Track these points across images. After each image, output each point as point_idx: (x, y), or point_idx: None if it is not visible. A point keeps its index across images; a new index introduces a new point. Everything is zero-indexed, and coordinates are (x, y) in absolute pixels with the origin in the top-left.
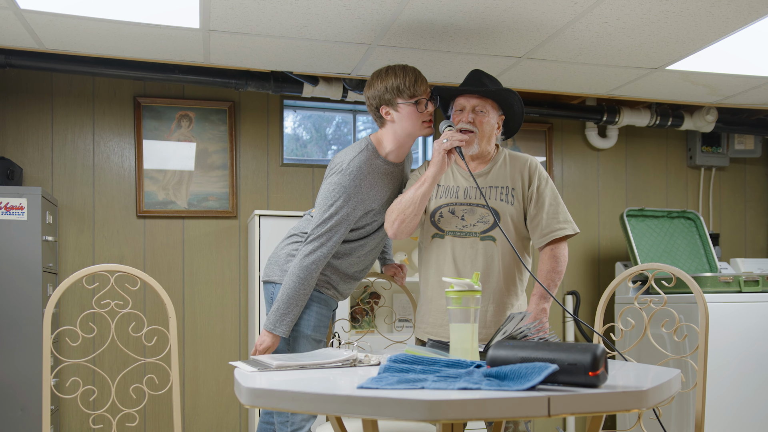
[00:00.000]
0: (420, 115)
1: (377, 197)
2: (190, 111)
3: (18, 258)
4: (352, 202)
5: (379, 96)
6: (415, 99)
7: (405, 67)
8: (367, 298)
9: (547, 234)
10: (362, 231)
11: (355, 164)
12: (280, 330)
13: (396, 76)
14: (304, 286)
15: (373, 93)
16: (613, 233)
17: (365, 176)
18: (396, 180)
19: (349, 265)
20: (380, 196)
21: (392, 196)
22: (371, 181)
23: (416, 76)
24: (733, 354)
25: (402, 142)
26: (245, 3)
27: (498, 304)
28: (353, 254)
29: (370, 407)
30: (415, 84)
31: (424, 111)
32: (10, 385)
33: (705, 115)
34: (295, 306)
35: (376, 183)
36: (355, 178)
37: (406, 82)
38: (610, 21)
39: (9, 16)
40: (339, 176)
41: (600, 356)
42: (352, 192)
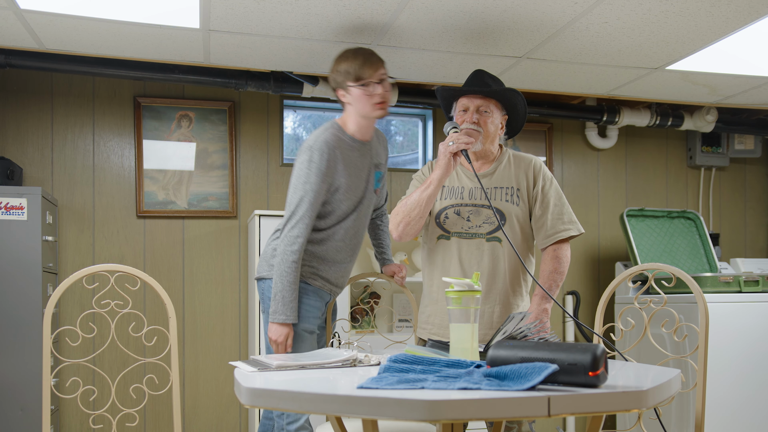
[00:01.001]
0: (369, 97)
1: (344, 172)
2: (190, 111)
3: (18, 258)
4: (322, 176)
5: (334, 79)
6: (361, 82)
7: (357, 50)
8: (367, 298)
9: (552, 235)
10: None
11: (322, 140)
12: (291, 316)
13: (346, 60)
14: (294, 269)
15: (331, 77)
16: (613, 233)
17: (332, 150)
18: (363, 157)
19: (329, 252)
20: (347, 171)
21: (359, 174)
22: (338, 154)
23: (365, 59)
24: (733, 354)
25: (361, 123)
26: (245, 3)
27: (504, 305)
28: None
29: (370, 407)
30: (362, 67)
31: (372, 93)
32: (10, 385)
33: (705, 115)
34: (295, 289)
35: (343, 157)
36: (323, 153)
37: (354, 66)
38: (610, 21)
39: (9, 16)
40: (308, 153)
41: (600, 356)
42: (322, 167)
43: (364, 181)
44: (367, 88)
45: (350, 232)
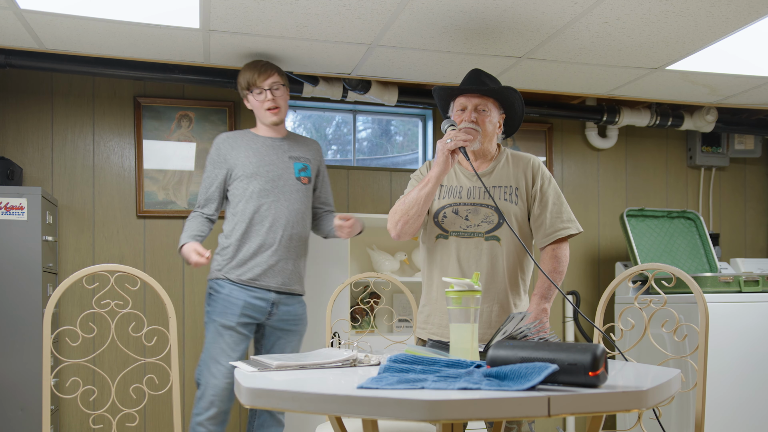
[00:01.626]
0: (261, 103)
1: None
2: (190, 111)
3: (18, 258)
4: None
5: (239, 91)
6: (251, 90)
7: (253, 62)
8: (367, 298)
9: (551, 234)
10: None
11: (222, 135)
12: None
13: (243, 72)
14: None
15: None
16: (613, 233)
17: (225, 141)
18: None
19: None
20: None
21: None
22: (232, 143)
23: (255, 68)
24: (733, 354)
25: (262, 128)
26: (245, 3)
27: (502, 305)
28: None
29: (370, 407)
30: (253, 76)
31: (263, 100)
32: (10, 385)
33: (705, 115)
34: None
35: (238, 146)
36: (216, 145)
37: (246, 77)
38: (610, 21)
39: (9, 16)
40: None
41: (600, 356)
42: (214, 155)
43: (276, 165)
44: (259, 96)
45: (267, 214)
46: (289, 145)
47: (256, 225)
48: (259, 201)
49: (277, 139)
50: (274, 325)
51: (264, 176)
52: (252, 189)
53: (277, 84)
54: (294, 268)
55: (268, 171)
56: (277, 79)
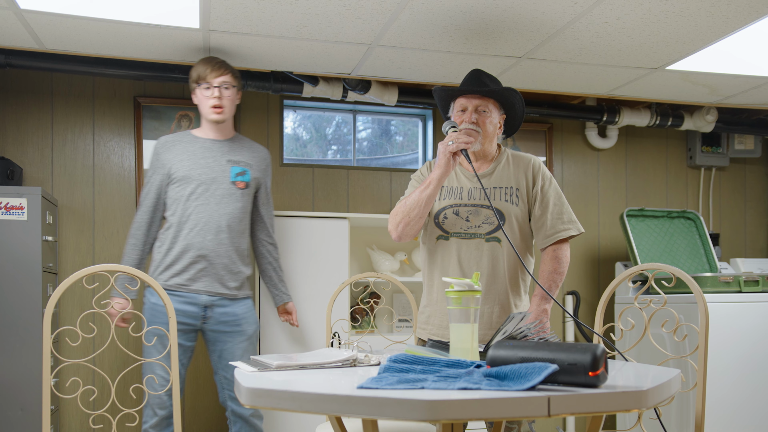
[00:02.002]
0: (206, 99)
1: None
2: (190, 111)
3: (18, 258)
4: (153, 167)
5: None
6: (200, 83)
7: (205, 58)
8: (367, 298)
9: (552, 235)
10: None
11: (160, 139)
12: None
13: (195, 66)
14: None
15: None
16: (613, 233)
17: (163, 145)
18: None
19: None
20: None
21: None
22: (170, 147)
23: (208, 63)
24: (733, 354)
25: (204, 125)
26: (245, 3)
27: (503, 306)
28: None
29: (370, 407)
30: (204, 70)
31: (209, 96)
32: (10, 385)
33: (705, 115)
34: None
35: (176, 149)
36: (154, 148)
37: (197, 70)
38: (610, 21)
39: (9, 16)
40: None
41: (600, 356)
42: (153, 160)
43: (209, 169)
44: (206, 91)
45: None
46: (230, 148)
47: (185, 229)
48: (188, 205)
49: (218, 141)
50: (213, 329)
51: (196, 179)
52: (183, 192)
53: (227, 84)
54: (227, 272)
55: (201, 174)
56: (229, 79)
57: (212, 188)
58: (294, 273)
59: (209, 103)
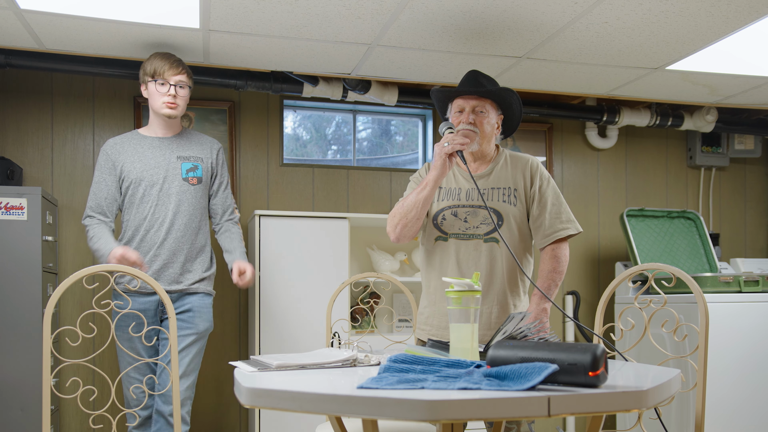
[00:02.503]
0: (160, 95)
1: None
2: (190, 111)
3: (18, 258)
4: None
5: (139, 76)
6: (154, 79)
7: (161, 53)
8: (367, 298)
9: (550, 234)
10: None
11: (109, 141)
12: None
13: (150, 60)
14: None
15: (139, 74)
16: (613, 233)
17: (112, 147)
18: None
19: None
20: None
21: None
22: (119, 149)
23: (164, 61)
24: (733, 354)
25: (153, 120)
26: (245, 3)
27: (502, 306)
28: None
29: (370, 407)
30: (162, 66)
31: (163, 93)
32: (10, 385)
33: (705, 115)
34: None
35: (125, 150)
36: (103, 150)
37: (153, 65)
38: (610, 21)
39: (9, 16)
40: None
41: (600, 356)
42: (102, 161)
43: (160, 169)
44: (161, 87)
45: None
46: (178, 144)
47: (140, 232)
48: (143, 206)
49: (166, 139)
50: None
51: (147, 180)
52: (138, 195)
53: (183, 83)
54: (183, 270)
55: (152, 174)
56: (185, 79)
57: (165, 188)
58: (294, 273)
59: (163, 99)
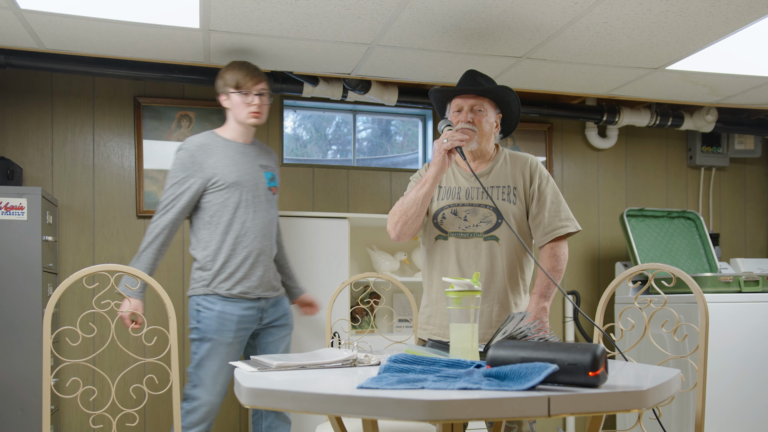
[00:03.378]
0: (246, 105)
1: (219, 163)
2: (190, 111)
3: (18, 258)
4: (186, 170)
5: (218, 85)
6: (240, 90)
7: (243, 62)
8: (367, 298)
9: (550, 232)
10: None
11: (190, 141)
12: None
13: (233, 70)
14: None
15: (216, 83)
16: (613, 233)
17: (198, 147)
18: (244, 156)
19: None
20: (223, 162)
21: (240, 166)
22: (206, 150)
23: (248, 71)
24: (733, 354)
25: (236, 128)
26: (245, 3)
27: (502, 304)
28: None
29: (370, 407)
30: (245, 77)
31: (249, 103)
32: (10, 385)
33: (705, 115)
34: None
35: (212, 153)
36: (188, 150)
37: (237, 75)
38: (610, 21)
39: (9, 16)
40: (178, 153)
41: (600, 356)
42: (187, 162)
43: (251, 174)
44: (246, 97)
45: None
46: (257, 152)
47: (242, 237)
48: (241, 212)
49: (247, 146)
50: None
51: (244, 185)
52: (234, 200)
53: (264, 91)
54: (275, 277)
55: (248, 180)
56: (266, 87)
57: (258, 195)
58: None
59: (250, 109)
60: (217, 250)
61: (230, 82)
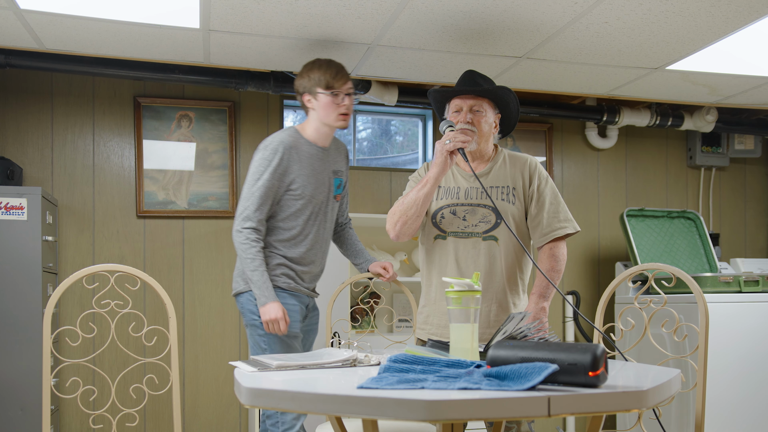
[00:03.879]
0: (336, 107)
1: (299, 172)
2: (190, 111)
3: (18, 258)
4: (273, 173)
5: (303, 85)
6: (331, 91)
7: (330, 61)
8: (367, 298)
9: (548, 233)
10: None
11: (277, 140)
12: (271, 296)
13: (320, 68)
14: (257, 256)
15: (300, 82)
16: (613, 233)
17: (286, 149)
18: (321, 162)
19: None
20: (304, 172)
21: (318, 177)
22: (292, 154)
23: (337, 70)
24: (733, 354)
25: (321, 130)
26: (245, 3)
27: (501, 304)
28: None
29: (370, 407)
30: (335, 78)
31: (340, 104)
32: (10, 385)
33: (705, 115)
34: (263, 271)
35: (298, 158)
36: (276, 151)
37: (326, 75)
38: (610, 21)
39: (9, 16)
40: (262, 152)
41: (600, 356)
42: (274, 164)
43: (325, 185)
44: (336, 98)
45: (316, 236)
46: (333, 156)
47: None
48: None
49: (326, 150)
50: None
51: (315, 199)
52: (307, 211)
53: (351, 90)
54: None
55: (320, 194)
56: (352, 86)
57: (325, 208)
58: None
59: (340, 110)
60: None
61: (319, 82)
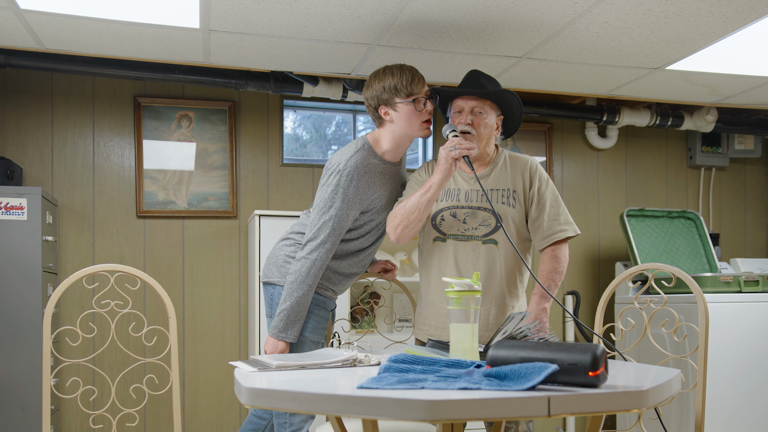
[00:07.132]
0: (419, 114)
1: (374, 196)
2: (190, 111)
3: (18, 258)
4: (349, 203)
5: (377, 96)
6: (412, 98)
7: (402, 66)
8: (367, 298)
9: (549, 236)
10: (359, 231)
11: (352, 164)
12: (291, 336)
13: (393, 76)
14: (308, 291)
15: (372, 93)
16: (613, 233)
17: (362, 176)
18: (393, 179)
19: (348, 266)
20: (377, 195)
21: (390, 196)
22: (368, 180)
23: (413, 74)
24: (733, 354)
25: (399, 143)
26: (245, 3)
27: (500, 307)
28: (352, 256)
29: (370, 407)
30: (412, 82)
31: (422, 110)
32: (10, 385)
33: (705, 115)
34: (303, 311)
35: (373, 182)
36: (352, 179)
37: (403, 81)
38: (610, 21)
39: (9, 16)
40: (336, 177)
41: (600, 356)
42: (350, 193)
43: (393, 202)
44: (418, 104)
45: (372, 250)
46: (402, 170)
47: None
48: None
49: (398, 165)
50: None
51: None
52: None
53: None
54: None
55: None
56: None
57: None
58: None
59: (422, 118)
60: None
61: (397, 91)
